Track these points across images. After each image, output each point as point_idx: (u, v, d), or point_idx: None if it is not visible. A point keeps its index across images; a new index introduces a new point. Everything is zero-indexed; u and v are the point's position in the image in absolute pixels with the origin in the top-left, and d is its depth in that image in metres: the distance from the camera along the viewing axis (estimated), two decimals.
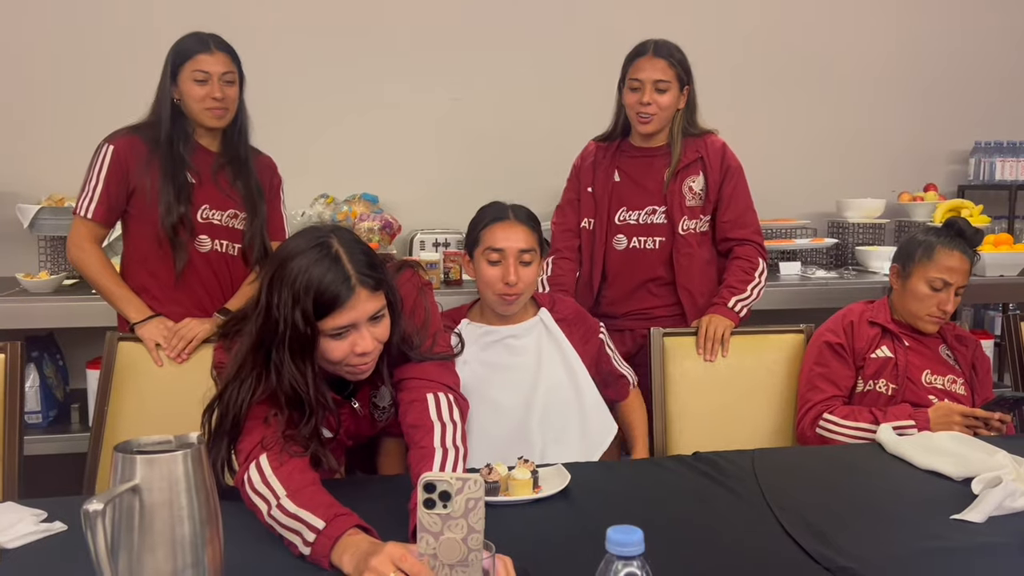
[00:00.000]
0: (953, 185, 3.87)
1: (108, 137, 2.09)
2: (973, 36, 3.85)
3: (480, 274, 1.91)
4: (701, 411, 2.15)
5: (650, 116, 2.24)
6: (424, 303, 1.60)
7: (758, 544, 1.30)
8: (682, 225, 2.30)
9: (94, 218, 2.08)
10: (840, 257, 3.54)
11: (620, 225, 2.33)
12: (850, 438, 1.93)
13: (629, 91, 2.27)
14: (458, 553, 1.03)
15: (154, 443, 1.05)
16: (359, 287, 1.36)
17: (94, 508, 0.93)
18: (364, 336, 1.39)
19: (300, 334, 1.34)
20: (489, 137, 3.42)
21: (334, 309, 1.34)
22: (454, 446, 1.41)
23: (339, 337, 1.37)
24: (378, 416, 1.64)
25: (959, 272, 2.04)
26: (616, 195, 2.33)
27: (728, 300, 2.24)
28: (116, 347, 2.01)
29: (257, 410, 1.41)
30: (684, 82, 2.27)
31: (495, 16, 3.42)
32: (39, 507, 1.38)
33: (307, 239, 1.39)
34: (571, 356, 1.93)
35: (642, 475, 1.64)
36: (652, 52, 2.24)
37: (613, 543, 0.88)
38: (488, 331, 1.93)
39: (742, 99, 3.60)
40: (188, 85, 2.08)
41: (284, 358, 1.37)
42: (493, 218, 1.91)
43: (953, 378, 2.04)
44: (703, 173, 2.31)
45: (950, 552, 1.26)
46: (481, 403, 1.82)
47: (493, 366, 1.89)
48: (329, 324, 1.35)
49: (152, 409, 1.96)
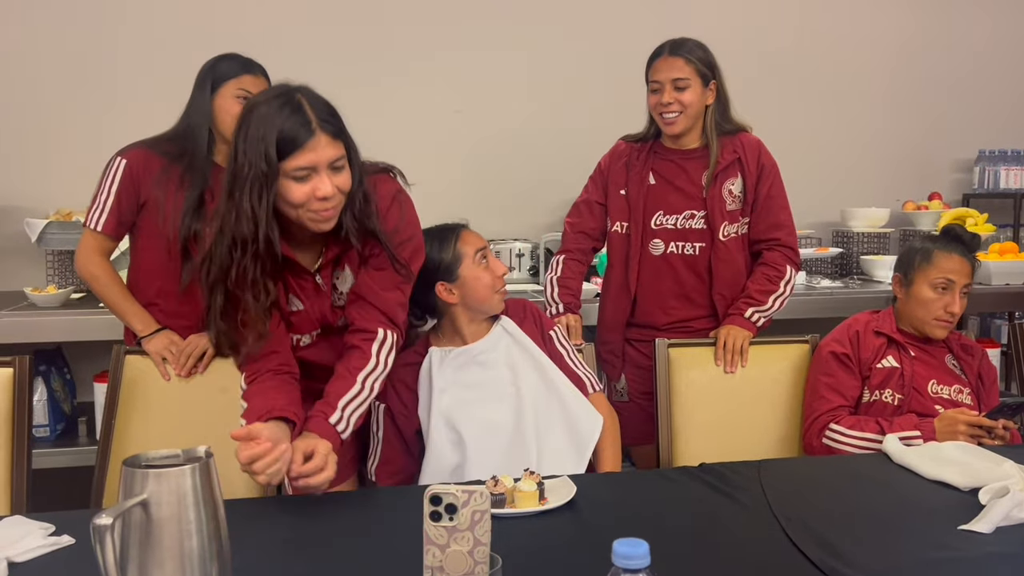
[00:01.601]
0: (958, 194, 3.87)
1: (121, 151, 2.09)
2: (978, 45, 3.86)
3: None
4: (707, 422, 2.14)
5: (674, 115, 2.21)
6: (399, 211, 1.70)
7: (764, 555, 1.30)
8: (723, 231, 2.25)
9: (104, 231, 2.08)
10: (845, 266, 3.54)
11: (657, 229, 2.28)
12: (856, 448, 1.92)
13: (651, 93, 2.25)
14: (464, 566, 1.03)
15: (162, 457, 1.06)
16: (319, 131, 1.49)
17: (103, 522, 0.94)
18: (324, 181, 1.51)
19: (262, 173, 1.48)
20: (490, 147, 3.43)
21: (295, 150, 1.48)
22: (371, 387, 1.66)
23: (301, 180, 1.50)
24: (337, 299, 1.77)
25: (960, 272, 2.04)
26: (652, 198, 2.28)
27: (745, 311, 2.22)
28: (123, 360, 2.01)
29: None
30: (708, 77, 2.23)
31: (498, 25, 3.44)
32: (47, 521, 1.38)
33: (272, 91, 1.54)
34: (539, 356, 1.91)
35: (648, 486, 1.63)
36: (668, 52, 2.22)
37: (619, 556, 0.88)
38: (457, 353, 1.90)
39: (746, 108, 3.57)
40: (228, 102, 2.07)
41: (243, 198, 1.50)
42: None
43: (960, 388, 2.04)
44: (741, 175, 2.26)
45: (957, 563, 1.26)
46: (472, 423, 1.81)
47: (471, 386, 1.86)
48: (290, 165, 1.49)
49: (159, 423, 1.97)
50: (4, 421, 1.82)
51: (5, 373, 1.84)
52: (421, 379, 1.88)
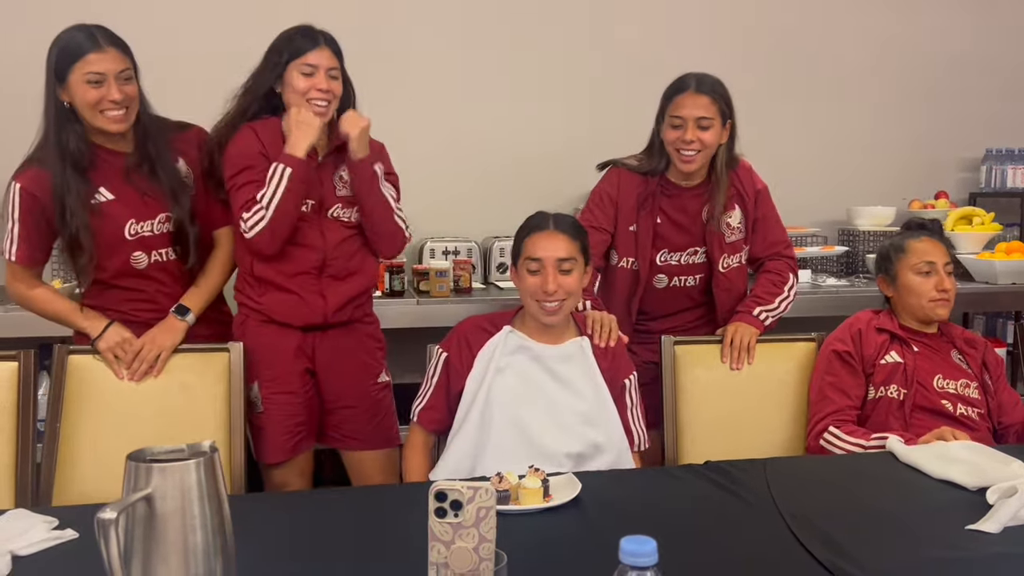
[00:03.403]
0: (964, 192, 3.86)
1: (15, 173, 1.94)
2: (985, 43, 3.84)
3: (522, 284, 1.91)
4: (712, 420, 2.14)
5: (693, 154, 2.15)
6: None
7: (770, 553, 1.29)
8: (723, 263, 2.27)
9: (19, 261, 1.96)
10: (851, 265, 3.53)
11: (661, 266, 2.29)
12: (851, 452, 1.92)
13: (670, 128, 2.15)
14: (469, 562, 1.02)
15: (167, 452, 1.06)
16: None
17: (107, 517, 0.94)
18: (321, 79, 1.99)
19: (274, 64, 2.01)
20: (500, 146, 3.42)
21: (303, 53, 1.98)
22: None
23: (307, 76, 2.00)
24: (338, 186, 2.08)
25: (936, 252, 2.12)
26: (659, 237, 2.27)
27: (753, 309, 2.23)
28: (66, 360, 1.93)
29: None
30: (727, 117, 2.19)
31: (509, 24, 3.43)
32: (50, 515, 1.38)
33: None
34: (601, 390, 1.90)
35: (653, 484, 1.63)
36: (695, 88, 2.14)
37: (626, 553, 0.88)
38: (529, 345, 1.91)
39: (751, 107, 3.55)
40: (80, 88, 1.86)
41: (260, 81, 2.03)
42: (533, 227, 1.92)
43: (966, 382, 2.04)
44: (739, 207, 2.27)
45: (965, 562, 1.25)
46: (503, 415, 1.82)
47: (528, 383, 1.88)
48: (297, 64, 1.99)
49: (115, 421, 1.92)
50: (8, 415, 1.82)
51: (9, 367, 1.85)
52: (484, 351, 1.90)
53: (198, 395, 1.96)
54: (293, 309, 2.04)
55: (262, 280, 2.04)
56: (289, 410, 2.07)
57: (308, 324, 2.06)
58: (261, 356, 2.05)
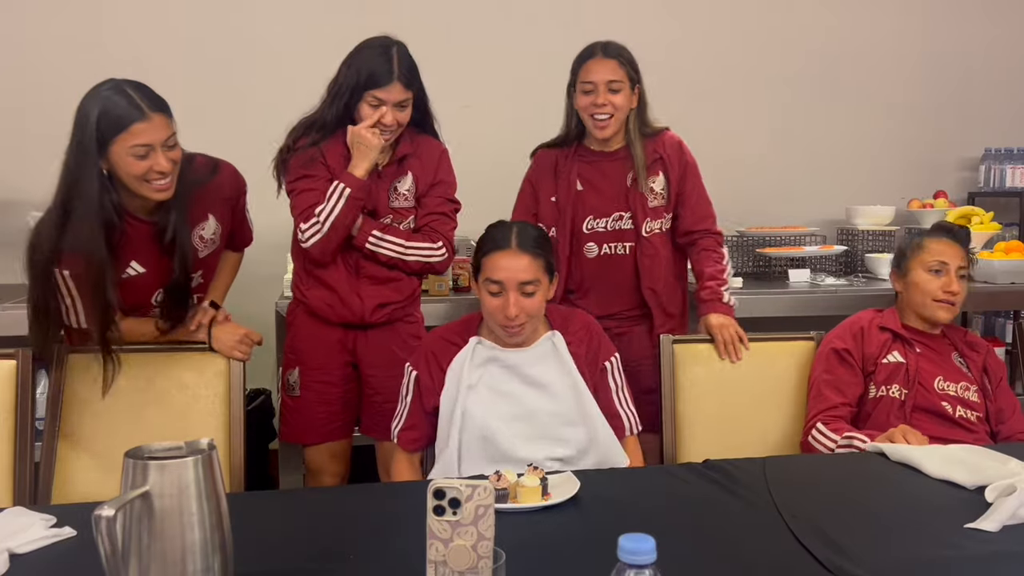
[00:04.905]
0: (963, 192, 3.86)
1: (50, 256, 1.76)
2: (984, 43, 3.84)
3: (483, 302, 1.85)
4: (711, 418, 2.14)
5: (607, 118, 2.21)
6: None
7: (770, 552, 1.29)
8: (645, 227, 2.28)
9: (90, 325, 1.83)
10: (850, 264, 3.53)
11: (589, 234, 2.30)
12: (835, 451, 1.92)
13: (582, 94, 2.23)
14: (468, 560, 1.02)
15: (165, 449, 1.06)
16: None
17: (106, 514, 0.94)
18: (388, 114, 2.08)
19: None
20: (498, 144, 3.42)
21: (375, 87, 2.07)
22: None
23: (376, 108, 2.08)
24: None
25: (952, 255, 2.09)
26: (580, 203, 2.30)
27: (721, 295, 2.24)
28: (65, 359, 1.92)
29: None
30: (635, 81, 2.25)
31: (507, 22, 3.43)
32: (48, 512, 1.38)
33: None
34: (579, 384, 1.85)
35: (652, 483, 1.63)
36: (603, 53, 2.22)
37: (625, 551, 0.88)
38: (498, 355, 1.86)
39: (751, 105, 3.59)
40: (124, 161, 1.72)
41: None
42: (494, 246, 1.84)
43: (966, 385, 2.04)
44: (663, 172, 2.29)
45: (964, 561, 1.25)
46: (480, 435, 1.79)
47: (503, 396, 1.83)
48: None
49: (114, 421, 1.91)
50: (7, 413, 1.82)
51: (8, 366, 1.85)
52: (454, 366, 1.85)
53: (198, 395, 1.97)
54: (332, 306, 2.16)
55: (311, 275, 2.18)
56: (325, 396, 2.19)
57: (346, 322, 2.16)
58: (306, 345, 2.20)
